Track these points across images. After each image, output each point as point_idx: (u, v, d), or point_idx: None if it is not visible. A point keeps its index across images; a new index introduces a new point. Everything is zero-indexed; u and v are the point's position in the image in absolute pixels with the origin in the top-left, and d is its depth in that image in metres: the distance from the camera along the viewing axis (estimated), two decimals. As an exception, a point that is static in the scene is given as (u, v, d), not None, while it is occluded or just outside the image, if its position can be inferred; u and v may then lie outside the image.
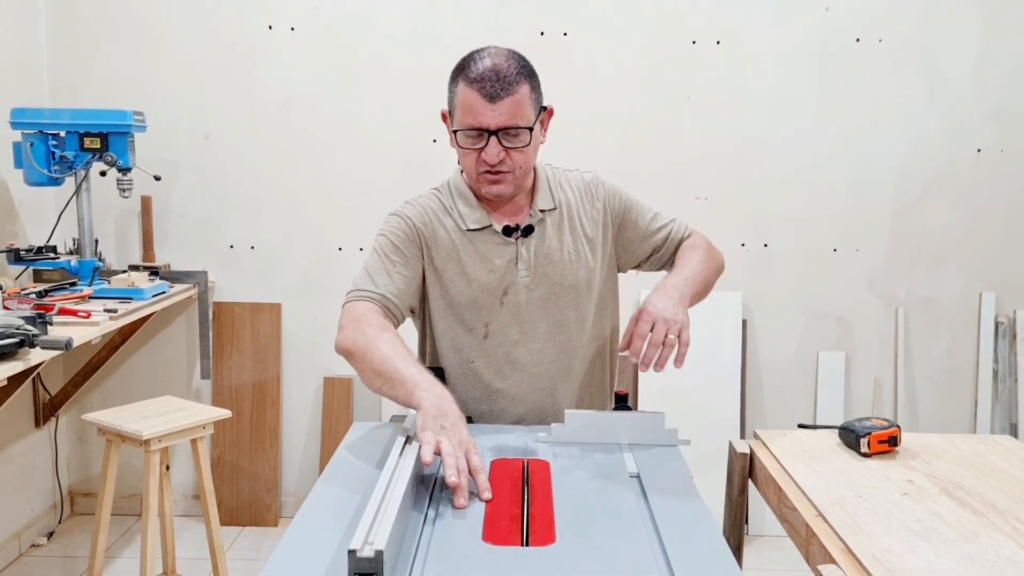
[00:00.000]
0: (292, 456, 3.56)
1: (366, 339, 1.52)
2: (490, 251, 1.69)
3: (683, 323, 1.53)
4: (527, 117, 1.57)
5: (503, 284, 1.69)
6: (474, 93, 1.53)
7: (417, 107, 3.35)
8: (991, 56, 3.32)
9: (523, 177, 1.65)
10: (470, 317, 1.70)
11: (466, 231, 1.69)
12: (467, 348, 1.72)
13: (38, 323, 2.25)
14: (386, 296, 1.63)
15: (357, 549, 0.95)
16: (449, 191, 1.74)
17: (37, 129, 2.89)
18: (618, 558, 1.08)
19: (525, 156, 1.61)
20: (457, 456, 1.26)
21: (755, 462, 1.62)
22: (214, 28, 3.34)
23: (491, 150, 1.56)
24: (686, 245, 1.80)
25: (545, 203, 1.72)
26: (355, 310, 1.61)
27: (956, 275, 3.44)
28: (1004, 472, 1.50)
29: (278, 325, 3.48)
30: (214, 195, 3.43)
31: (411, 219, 1.70)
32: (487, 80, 1.53)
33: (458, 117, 1.58)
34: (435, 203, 1.73)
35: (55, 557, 3.20)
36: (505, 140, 1.57)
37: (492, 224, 1.69)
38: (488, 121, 1.54)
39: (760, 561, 3.20)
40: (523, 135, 1.58)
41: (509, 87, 1.53)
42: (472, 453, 1.30)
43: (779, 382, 3.50)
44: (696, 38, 3.32)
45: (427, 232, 1.70)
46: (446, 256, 1.69)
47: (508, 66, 1.54)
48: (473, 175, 1.64)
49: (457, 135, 1.60)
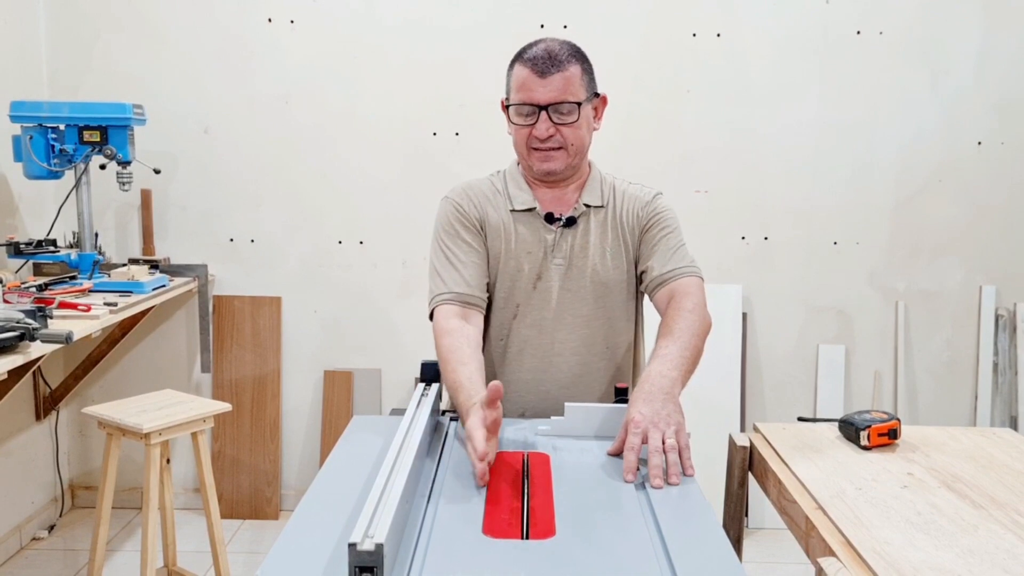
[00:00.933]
0: (292, 449, 3.57)
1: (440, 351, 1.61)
2: (531, 234, 1.74)
3: (678, 424, 1.40)
4: (576, 93, 1.63)
5: (538, 269, 1.73)
6: (526, 70, 1.63)
7: (417, 99, 3.35)
8: (992, 48, 3.31)
9: (576, 155, 1.69)
10: (505, 296, 1.75)
11: (511, 211, 1.74)
12: (498, 325, 1.77)
13: (38, 317, 2.25)
14: (461, 293, 1.69)
15: (357, 542, 0.95)
16: (503, 177, 1.81)
17: (36, 122, 2.89)
18: (618, 551, 1.08)
19: (576, 133, 1.66)
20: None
21: (755, 455, 1.62)
22: (214, 21, 3.33)
23: (541, 124, 1.63)
24: (676, 307, 1.66)
25: (593, 199, 1.75)
26: (437, 317, 1.68)
27: (956, 268, 3.44)
28: (1004, 465, 1.50)
29: (278, 318, 3.48)
30: (214, 188, 3.43)
31: (461, 204, 1.75)
32: (540, 59, 1.62)
33: (512, 96, 1.67)
34: (487, 186, 1.79)
35: (56, 550, 3.21)
36: (555, 116, 1.63)
37: (536, 208, 1.74)
38: (539, 96, 1.62)
39: (760, 554, 3.20)
40: (573, 111, 1.64)
41: (560, 64, 1.62)
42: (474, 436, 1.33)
43: (779, 375, 3.50)
44: (696, 30, 3.32)
45: (479, 213, 1.75)
46: (496, 236, 1.75)
47: (561, 48, 1.64)
48: (525, 153, 1.69)
49: (510, 111, 1.67)
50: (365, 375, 3.48)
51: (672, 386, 1.47)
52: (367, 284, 3.46)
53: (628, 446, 1.36)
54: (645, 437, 1.36)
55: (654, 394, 1.44)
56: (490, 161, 1.96)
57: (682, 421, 1.42)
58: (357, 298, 3.44)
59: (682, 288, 1.70)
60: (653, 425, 1.38)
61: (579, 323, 1.75)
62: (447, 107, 3.34)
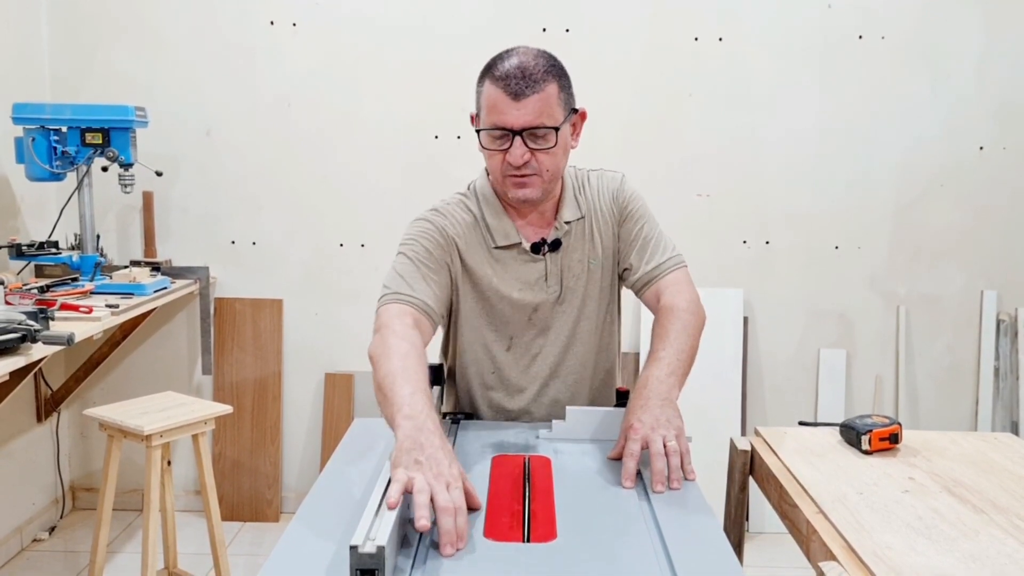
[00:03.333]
0: (293, 452, 3.56)
1: (383, 348, 1.45)
2: (519, 269, 1.66)
3: (677, 428, 1.38)
4: (554, 117, 1.50)
5: (533, 302, 1.67)
6: (499, 91, 1.48)
7: (419, 103, 3.36)
8: (993, 53, 3.32)
9: (551, 182, 1.58)
10: (497, 329, 1.69)
11: (495, 248, 1.65)
12: (489, 359, 1.71)
13: (40, 318, 2.25)
14: (424, 302, 1.56)
15: (359, 545, 0.95)
16: (476, 198, 1.69)
17: (39, 124, 2.90)
18: (619, 555, 1.08)
19: (552, 159, 1.53)
20: (434, 490, 1.10)
21: (756, 459, 1.62)
22: (216, 24, 3.33)
23: (515, 151, 1.50)
24: (669, 305, 1.61)
25: (571, 214, 1.67)
26: (386, 314, 1.54)
27: (957, 273, 3.44)
28: (1005, 469, 1.50)
29: (279, 321, 3.48)
30: (216, 191, 3.43)
31: (444, 230, 1.64)
32: (512, 78, 1.47)
33: (483, 117, 1.54)
34: (466, 214, 1.67)
35: (56, 552, 3.21)
36: (531, 141, 1.50)
37: (521, 242, 1.65)
38: (512, 120, 1.48)
39: (761, 558, 3.20)
40: (549, 136, 1.51)
41: (535, 85, 1.47)
42: (452, 487, 1.13)
43: (780, 379, 3.50)
44: (698, 35, 3.32)
45: (461, 244, 1.65)
46: (480, 270, 1.66)
47: (535, 64, 1.49)
48: (499, 178, 1.57)
49: (481, 135, 1.55)
50: (366, 378, 3.48)
51: (669, 391, 1.45)
52: (368, 287, 3.43)
53: (628, 453, 1.35)
54: (645, 443, 1.35)
55: (652, 400, 1.42)
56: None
57: (682, 426, 1.40)
58: (358, 301, 3.44)
59: (671, 285, 1.65)
60: (653, 430, 1.36)
61: (573, 342, 1.71)
62: (448, 111, 3.34)
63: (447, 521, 1.08)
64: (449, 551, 1.06)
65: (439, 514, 1.08)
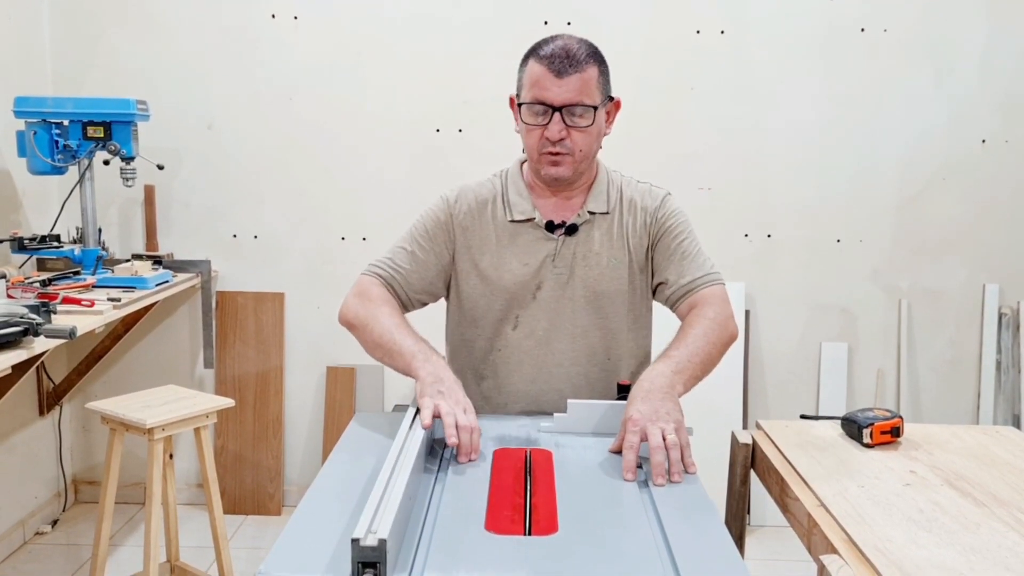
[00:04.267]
0: (295, 445, 3.57)
1: (367, 311, 1.62)
2: (529, 244, 1.69)
3: (677, 421, 1.38)
4: (592, 97, 1.58)
5: (537, 279, 1.69)
6: (542, 68, 1.56)
7: (421, 95, 3.35)
8: (996, 47, 3.31)
9: (583, 162, 1.64)
10: (503, 307, 1.71)
11: (510, 222, 1.70)
12: (495, 337, 1.73)
13: (42, 312, 2.25)
14: (406, 281, 1.72)
15: (360, 538, 0.95)
16: (504, 179, 1.76)
17: (40, 118, 2.89)
18: (620, 548, 1.08)
19: (587, 139, 1.61)
20: (456, 414, 1.37)
21: (757, 452, 1.62)
22: (218, 16, 3.33)
23: (554, 127, 1.57)
24: (696, 314, 1.63)
25: (598, 205, 1.70)
26: (363, 283, 1.71)
27: (960, 266, 3.44)
28: (1006, 463, 1.50)
29: (281, 314, 3.48)
30: (217, 184, 3.43)
31: (453, 206, 1.73)
32: (556, 57, 1.55)
33: (524, 93, 1.60)
34: (487, 190, 1.74)
35: (59, 545, 3.21)
36: (568, 118, 1.57)
37: (536, 217, 1.69)
38: (553, 96, 1.56)
39: (762, 551, 3.20)
40: (587, 115, 1.58)
41: (577, 65, 1.55)
42: (469, 411, 1.41)
43: (782, 373, 3.50)
44: (700, 28, 3.31)
45: (467, 221, 1.71)
46: (483, 246, 1.71)
47: (579, 48, 1.58)
48: (534, 154, 1.63)
49: (522, 110, 1.61)
50: (368, 371, 3.48)
51: (671, 385, 1.45)
52: (370, 280, 3.46)
53: (627, 444, 1.35)
54: (644, 435, 1.35)
55: (652, 392, 1.43)
56: (494, 158, 1.95)
57: (681, 419, 1.40)
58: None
59: (704, 299, 1.66)
60: (652, 423, 1.36)
61: (579, 333, 1.71)
62: (451, 103, 3.34)
63: (466, 437, 1.36)
64: (464, 459, 1.36)
65: (460, 432, 1.36)
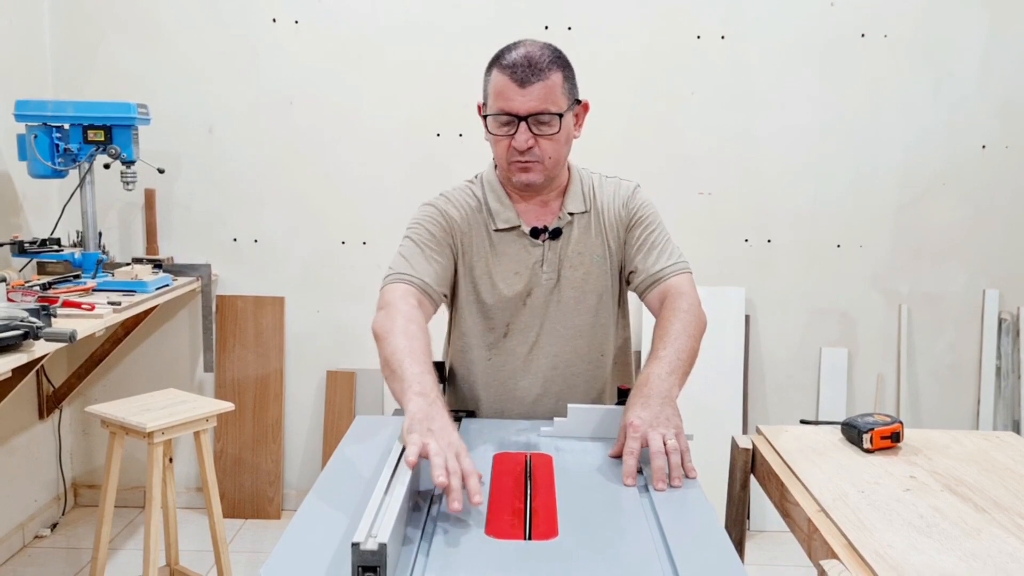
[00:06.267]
0: (295, 449, 3.57)
1: (391, 324, 1.52)
2: (517, 252, 1.70)
3: (676, 427, 1.38)
4: (558, 104, 1.57)
5: (528, 286, 1.70)
6: (505, 78, 1.56)
7: (421, 100, 3.36)
8: (996, 52, 3.31)
9: (553, 168, 1.64)
10: (494, 315, 1.72)
11: (495, 231, 1.70)
12: (487, 345, 1.74)
13: (42, 315, 2.25)
14: (425, 281, 1.64)
15: (360, 542, 0.95)
16: (482, 185, 1.75)
17: (41, 121, 2.90)
18: (620, 552, 1.08)
19: (555, 145, 1.61)
20: (446, 456, 1.19)
21: (757, 457, 1.62)
22: (218, 21, 3.33)
23: (520, 136, 1.57)
24: (671, 307, 1.62)
25: (575, 206, 1.72)
26: (391, 293, 1.62)
27: (959, 271, 3.44)
28: (1007, 468, 1.50)
29: (281, 319, 3.48)
30: (218, 188, 3.43)
31: (448, 213, 1.72)
32: (519, 66, 1.55)
33: (489, 103, 1.61)
34: (470, 199, 1.74)
35: (58, 549, 3.21)
36: (535, 127, 1.57)
37: (520, 225, 1.70)
38: (518, 106, 1.55)
39: (762, 556, 3.20)
40: (553, 122, 1.58)
41: (540, 73, 1.55)
42: (463, 456, 1.22)
43: (781, 378, 3.50)
44: (700, 33, 3.32)
45: (464, 227, 1.71)
46: (477, 253, 1.71)
47: (541, 54, 1.57)
48: (504, 164, 1.64)
49: (488, 121, 1.61)
50: (368, 375, 3.48)
51: (669, 389, 1.46)
52: (370, 285, 3.42)
53: (627, 450, 1.35)
54: (645, 441, 1.35)
55: (652, 397, 1.43)
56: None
57: (681, 424, 1.40)
58: (360, 299, 3.44)
59: (674, 287, 1.66)
60: (652, 428, 1.36)
61: (571, 334, 1.72)
62: (451, 108, 3.35)
63: (457, 482, 1.17)
64: (456, 505, 1.15)
65: (451, 477, 1.17)
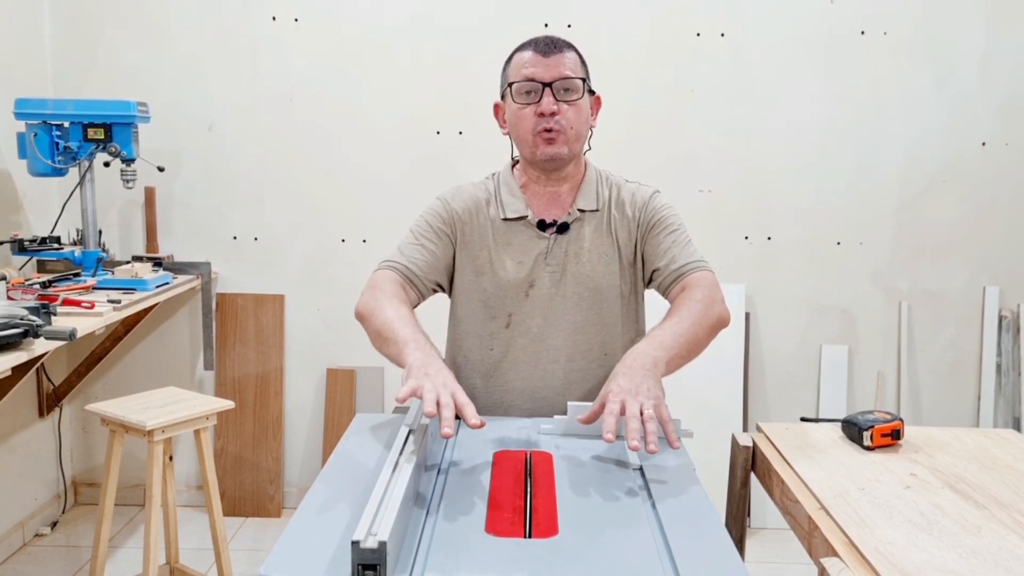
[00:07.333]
0: (295, 447, 3.57)
1: (376, 303, 1.63)
2: (522, 243, 1.72)
3: (656, 398, 1.38)
4: (578, 71, 1.66)
5: (530, 277, 1.72)
6: (528, 52, 1.66)
7: (421, 97, 3.35)
8: (996, 49, 3.31)
9: (576, 141, 1.68)
10: (495, 305, 1.73)
11: (503, 220, 1.74)
12: (488, 336, 1.75)
13: (42, 313, 2.25)
14: (408, 267, 1.72)
15: (361, 540, 0.95)
16: (496, 180, 1.80)
17: (41, 119, 2.90)
18: (621, 550, 1.08)
19: (578, 114, 1.66)
20: (438, 392, 1.30)
21: (757, 455, 1.62)
22: (218, 18, 3.33)
23: (546, 99, 1.62)
24: (684, 296, 1.65)
25: (587, 203, 1.74)
26: (376, 278, 1.72)
27: (960, 268, 3.44)
28: (1007, 466, 1.50)
29: (281, 316, 3.48)
30: (218, 186, 3.43)
31: (451, 204, 1.77)
32: (541, 42, 1.67)
33: (513, 76, 1.67)
34: (481, 192, 1.79)
35: (59, 547, 3.21)
36: (559, 94, 1.64)
37: (528, 216, 1.72)
38: (542, 73, 1.63)
39: (762, 553, 3.20)
40: (577, 89, 1.65)
41: (561, 48, 1.66)
42: (458, 393, 1.32)
43: (782, 375, 3.50)
44: (701, 30, 3.31)
45: (465, 217, 1.75)
46: (480, 243, 1.74)
47: (560, 39, 1.69)
48: (528, 137, 1.67)
49: (512, 91, 1.66)
50: (368, 373, 3.48)
51: (654, 364, 1.46)
52: (370, 282, 3.46)
53: (608, 411, 1.35)
54: (623, 408, 1.35)
55: (635, 369, 1.44)
56: (494, 160, 1.95)
57: (661, 396, 1.40)
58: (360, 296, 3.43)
59: (694, 281, 1.68)
60: (631, 396, 1.36)
61: (573, 329, 1.72)
62: (451, 105, 3.34)
63: (448, 412, 1.28)
64: (448, 431, 1.26)
65: (442, 408, 1.29)
